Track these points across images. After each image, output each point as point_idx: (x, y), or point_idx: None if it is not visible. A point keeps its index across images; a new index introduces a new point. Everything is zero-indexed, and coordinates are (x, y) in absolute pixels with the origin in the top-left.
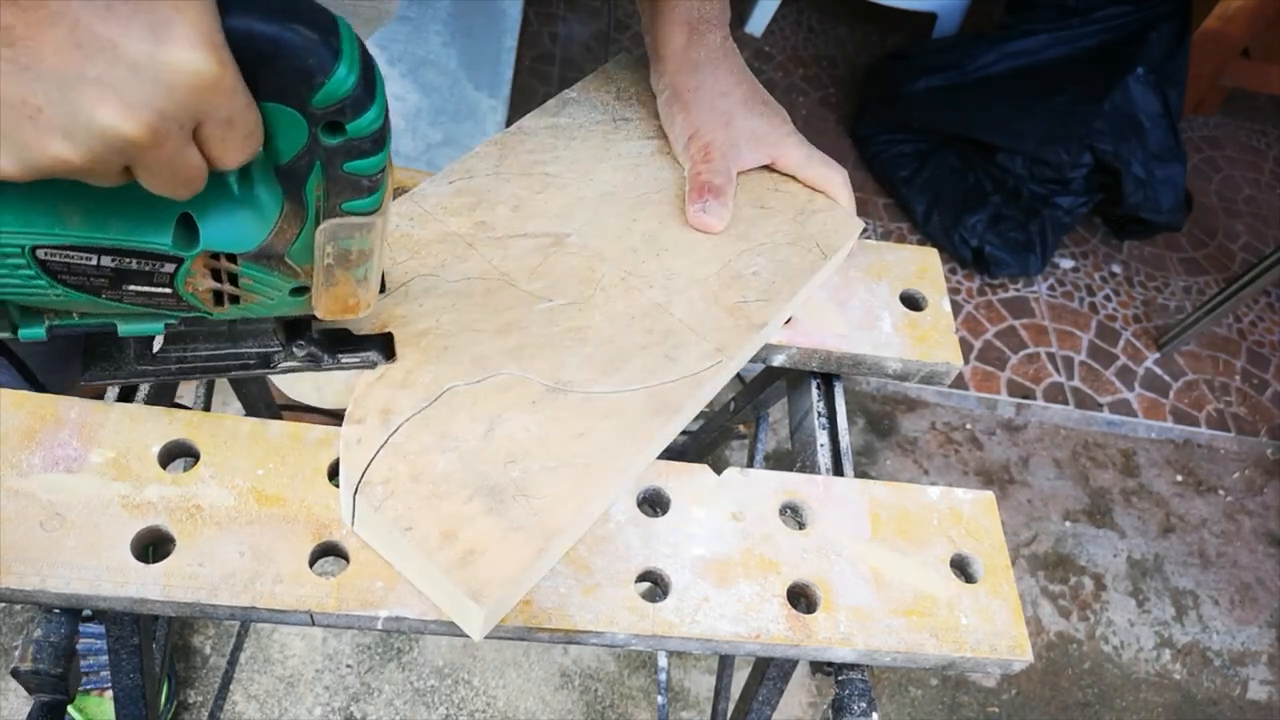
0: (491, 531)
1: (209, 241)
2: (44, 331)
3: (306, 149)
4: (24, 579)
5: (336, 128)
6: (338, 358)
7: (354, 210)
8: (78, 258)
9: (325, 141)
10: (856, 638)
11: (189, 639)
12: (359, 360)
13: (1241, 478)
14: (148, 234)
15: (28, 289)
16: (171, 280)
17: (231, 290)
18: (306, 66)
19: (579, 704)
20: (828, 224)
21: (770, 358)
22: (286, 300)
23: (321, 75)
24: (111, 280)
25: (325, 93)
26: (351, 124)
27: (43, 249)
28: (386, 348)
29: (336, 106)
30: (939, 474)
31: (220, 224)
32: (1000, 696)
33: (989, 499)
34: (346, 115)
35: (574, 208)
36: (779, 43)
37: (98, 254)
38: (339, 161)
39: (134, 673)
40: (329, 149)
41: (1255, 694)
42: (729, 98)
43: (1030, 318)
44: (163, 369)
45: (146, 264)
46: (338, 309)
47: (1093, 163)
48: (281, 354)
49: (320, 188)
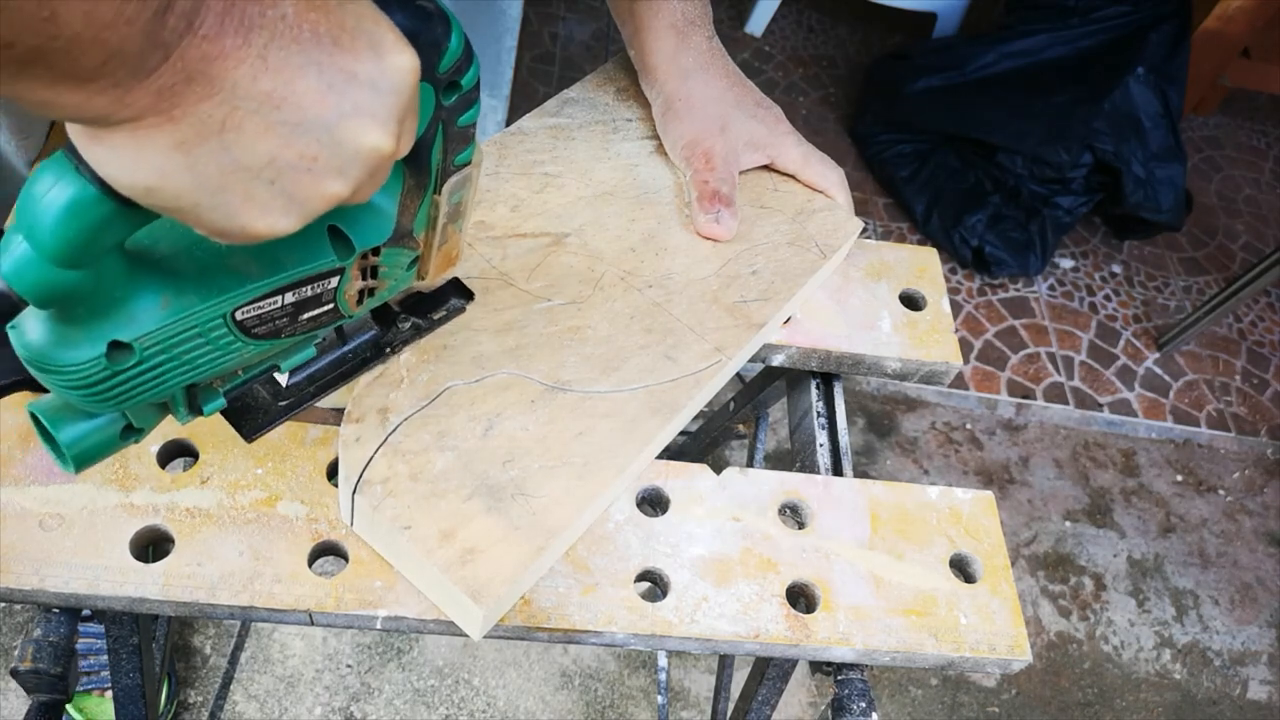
0: (490, 531)
1: (360, 242)
2: (224, 399)
3: (434, 117)
4: (23, 578)
5: (455, 86)
6: (432, 318)
7: (463, 162)
8: (267, 305)
9: (445, 102)
10: (856, 637)
11: (189, 639)
12: (448, 310)
13: (1241, 478)
14: (316, 256)
15: (225, 357)
16: (335, 294)
17: (371, 284)
18: (435, 36)
19: (579, 704)
20: (827, 223)
21: (770, 357)
22: (404, 276)
23: (445, 40)
24: (291, 315)
25: (448, 55)
26: (465, 77)
27: (240, 309)
28: (462, 290)
29: (455, 65)
30: (939, 474)
31: (361, 223)
32: (1000, 696)
33: (988, 499)
34: (461, 72)
35: (573, 207)
36: (779, 43)
37: (281, 294)
38: (455, 118)
39: (134, 673)
40: (448, 109)
41: (1255, 694)
42: (723, 102)
43: (1030, 318)
44: (304, 394)
45: (317, 286)
46: (444, 264)
47: (1093, 163)
48: (389, 334)
49: (440, 151)
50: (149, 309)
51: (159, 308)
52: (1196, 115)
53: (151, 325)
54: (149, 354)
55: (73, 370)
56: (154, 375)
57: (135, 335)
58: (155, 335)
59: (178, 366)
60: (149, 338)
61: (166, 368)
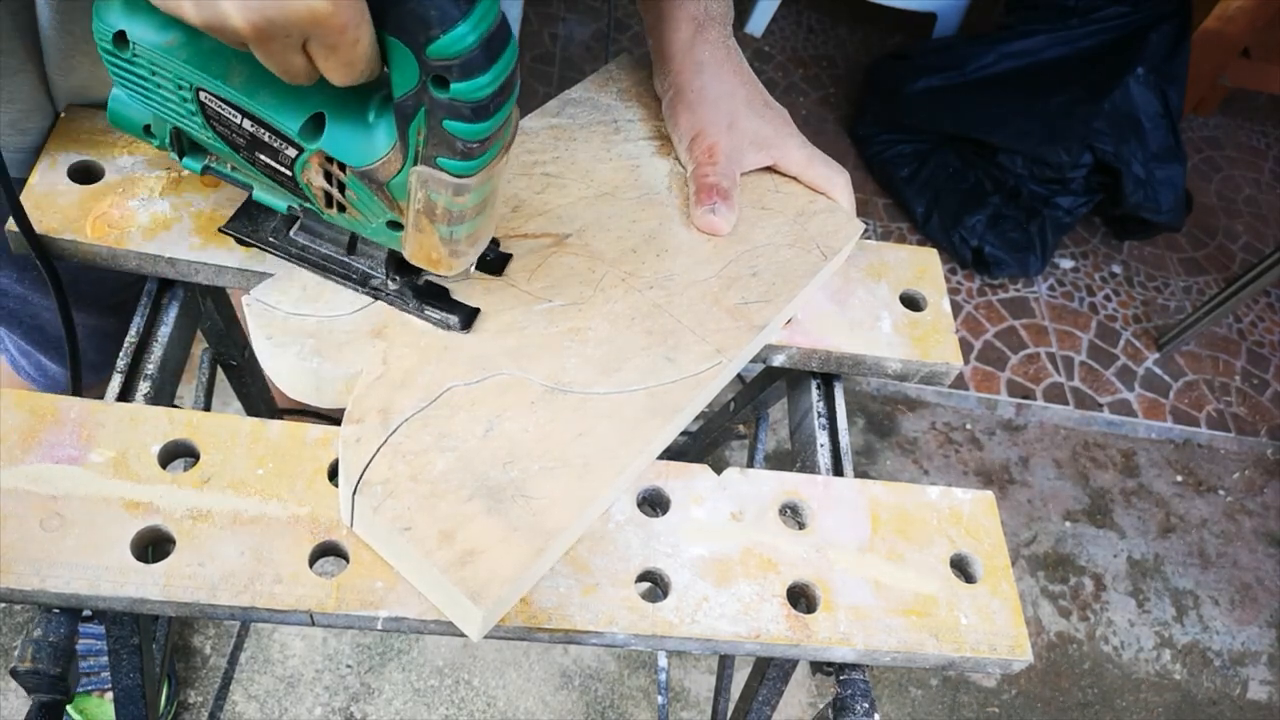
0: (490, 532)
1: (326, 144)
2: (200, 168)
3: (415, 92)
4: (24, 579)
5: (443, 83)
6: (423, 308)
7: (446, 168)
8: (228, 111)
9: (433, 93)
10: (856, 637)
11: (189, 639)
12: (440, 318)
13: (1241, 478)
14: (284, 116)
15: (188, 123)
16: (292, 165)
17: (339, 197)
18: (428, 15)
19: (579, 704)
20: (828, 225)
21: (770, 358)
22: (384, 230)
23: (439, 28)
24: (248, 143)
25: (440, 46)
26: (457, 84)
27: (205, 93)
28: (468, 320)
29: (447, 63)
30: (939, 474)
31: (342, 134)
32: (1000, 696)
33: (989, 499)
34: (454, 74)
35: (574, 208)
36: (779, 43)
37: (243, 115)
38: (440, 116)
39: (134, 673)
40: (434, 100)
41: (1255, 694)
42: (733, 99)
43: (1030, 318)
44: (285, 249)
45: (276, 140)
46: (422, 257)
47: (1093, 163)
48: (380, 279)
49: (421, 134)
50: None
51: (164, 40)
52: (1196, 115)
53: (147, 43)
54: (138, 62)
55: (97, 25)
56: (140, 84)
57: (135, 38)
58: (145, 53)
59: (154, 94)
60: (142, 50)
61: (148, 87)
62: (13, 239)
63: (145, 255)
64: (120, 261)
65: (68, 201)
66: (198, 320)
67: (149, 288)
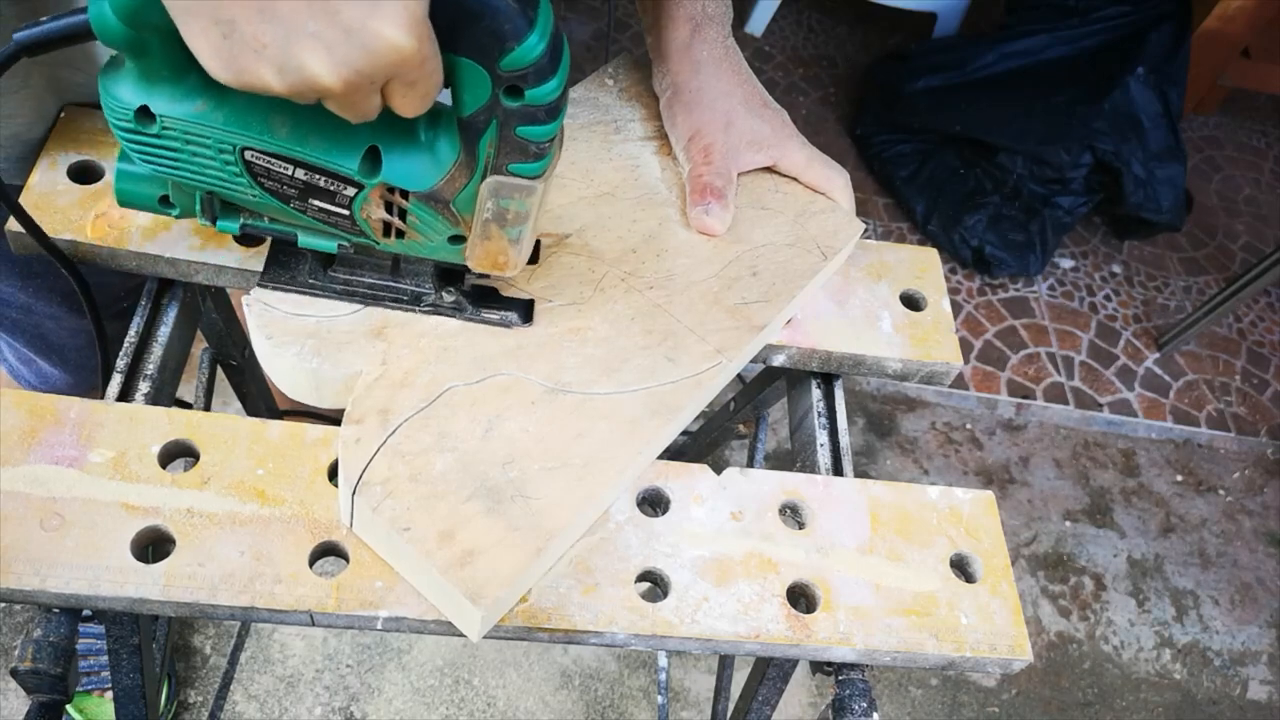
0: (490, 532)
1: (388, 175)
2: (238, 228)
3: (487, 106)
4: (24, 579)
5: (517, 92)
6: (480, 312)
7: (518, 172)
8: (278, 165)
9: (505, 103)
10: (856, 637)
11: (189, 639)
12: (499, 318)
13: (1241, 478)
14: (339, 157)
15: (231, 185)
16: (350, 203)
17: (399, 225)
18: (502, 30)
19: (579, 704)
20: (828, 225)
21: (770, 358)
22: (444, 246)
23: (514, 40)
24: (300, 192)
25: (514, 57)
26: (531, 90)
27: (251, 151)
28: (527, 313)
29: (521, 72)
30: (939, 474)
31: (401, 162)
32: (1000, 696)
33: (989, 499)
34: (529, 81)
35: (575, 208)
36: (779, 43)
37: (294, 165)
38: (514, 124)
39: (134, 673)
40: (506, 110)
41: (1255, 694)
42: (731, 99)
43: (1030, 318)
44: (328, 287)
45: (332, 183)
46: (488, 263)
47: (1093, 163)
48: (432, 295)
49: (493, 145)
50: (185, 102)
51: (193, 107)
52: (1196, 115)
53: (176, 114)
54: (167, 135)
55: (110, 104)
56: (170, 156)
57: (161, 112)
58: (176, 124)
59: (189, 164)
60: (171, 121)
61: (180, 158)
62: (13, 239)
63: (145, 255)
64: (120, 262)
65: (67, 201)
66: (197, 320)
67: (149, 287)
